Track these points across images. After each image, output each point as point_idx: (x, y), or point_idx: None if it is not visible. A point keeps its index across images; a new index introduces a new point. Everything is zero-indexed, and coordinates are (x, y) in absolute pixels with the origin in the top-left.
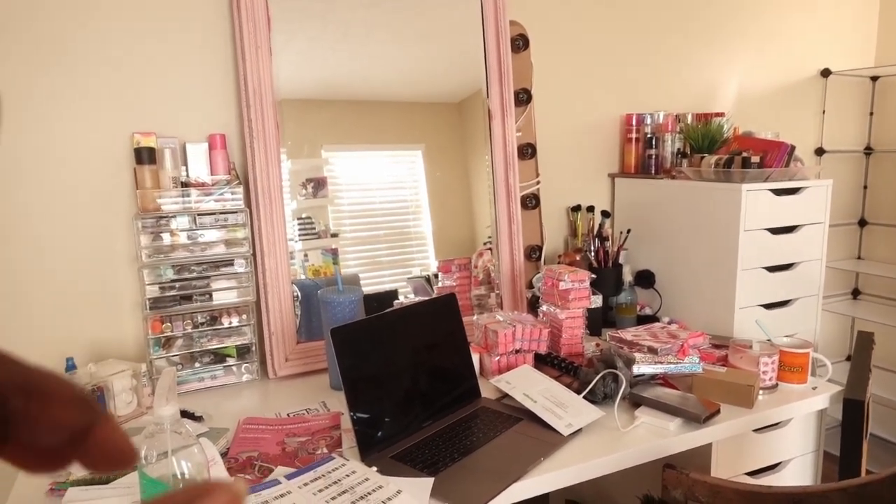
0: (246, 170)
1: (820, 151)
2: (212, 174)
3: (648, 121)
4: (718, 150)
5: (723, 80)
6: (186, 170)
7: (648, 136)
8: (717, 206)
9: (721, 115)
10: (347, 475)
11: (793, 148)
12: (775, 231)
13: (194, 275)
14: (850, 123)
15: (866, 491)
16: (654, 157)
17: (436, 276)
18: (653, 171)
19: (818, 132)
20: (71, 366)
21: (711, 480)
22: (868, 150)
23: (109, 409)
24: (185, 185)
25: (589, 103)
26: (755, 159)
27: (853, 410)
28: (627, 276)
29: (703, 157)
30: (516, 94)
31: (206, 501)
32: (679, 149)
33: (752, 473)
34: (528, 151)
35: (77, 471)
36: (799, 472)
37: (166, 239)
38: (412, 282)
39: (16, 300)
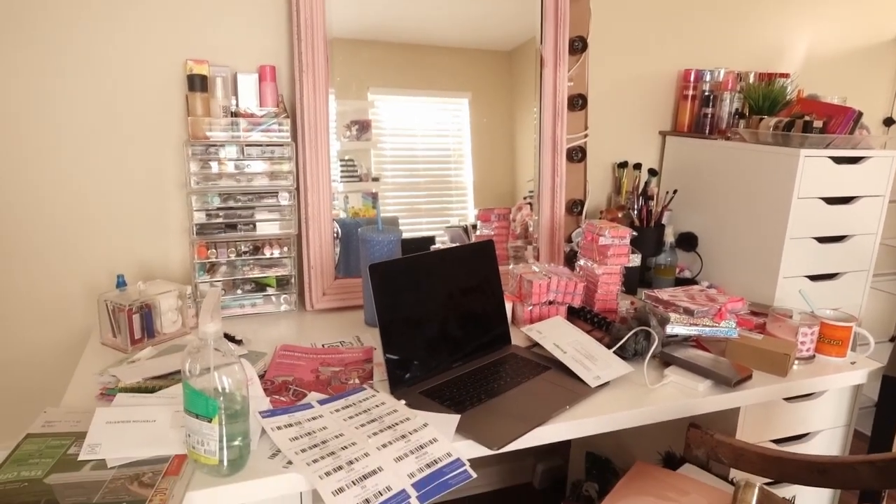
0: (294, 103)
1: (889, 122)
2: (261, 106)
3: (707, 77)
4: (779, 113)
5: (791, 40)
6: (236, 100)
7: (706, 93)
8: (771, 171)
9: (786, 76)
10: (377, 405)
11: (859, 114)
12: (830, 201)
13: (239, 204)
14: None
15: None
16: (709, 116)
17: (474, 226)
18: (707, 131)
19: (889, 101)
20: (121, 282)
21: (736, 443)
22: None
23: (156, 327)
24: (235, 114)
25: (646, 56)
26: (817, 124)
27: (891, 388)
28: (669, 238)
29: (761, 119)
30: (571, 41)
31: None
32: (737, 109)
33: (777, 441)
34: (578, 102)
35: (125, 378)
36: (826, 445)
37: (214, 167)
38: (450, 231)
39: (72, 218)
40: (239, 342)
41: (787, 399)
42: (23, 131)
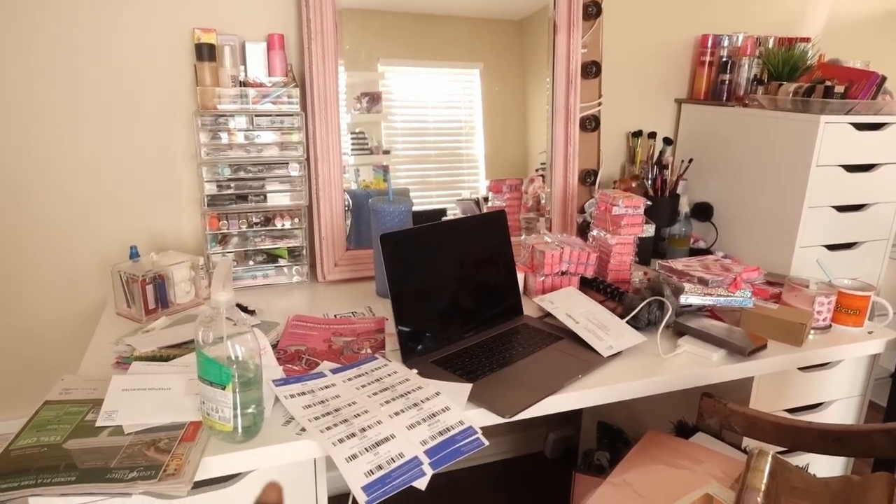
0: (303, 73)
1: None
2: (269, 75)
3: (725, 43)
4: (799, 78)
5: (812, 2)
6: (245, 69)
7: (723, 59)
8: (790, 139)
9: (806, 40)
10: (389, 374)
11: (883, 79)
12: (850, 168)
13: (250, 175)
14: None
15: None
16: (727, 82)
17: (485, 199)
18: (724, 98)
19: None
20: (134, 253)
21: (749, 412)
22: None
23: (170, 297)
24: (244, 84)
25: (662, 21)
26: (839, 89)
27: None
28: (684, 208)
29: (781, 85)
30: (585, 6)
31: None
32: (756, 75)
33: (791, 411)
34: (591, 70)
35: (140, 346)
36: (840, 415)
37: (224, 138)
38: (461, 203)
39: (84, 191)
40: (252, 312)
41: (801, 369)
42: (35, 106)
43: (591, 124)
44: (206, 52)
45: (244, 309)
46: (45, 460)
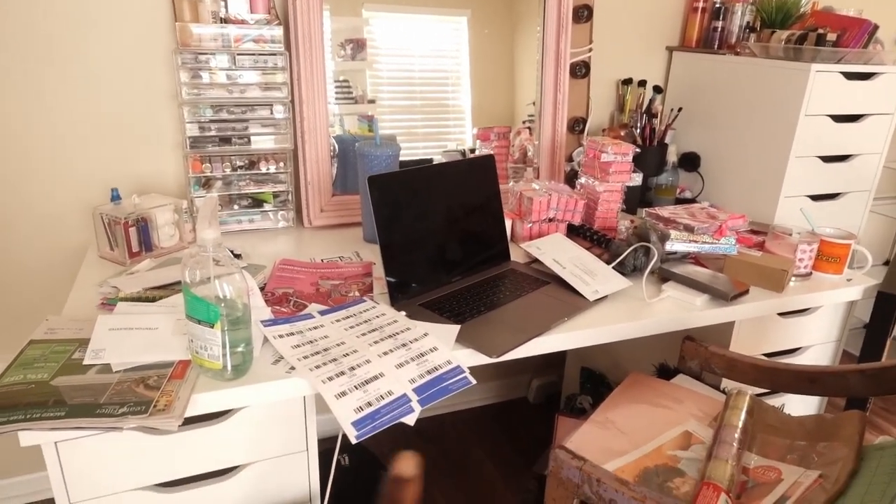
0: (286, 10)
1: None
2: (251, 12)
3: None
4: (792, 26)
5: None
6: (226, 5)
7: (716, 5)
8: (780, 87)
9: None
10: (377, 316)
11: (875, 27)
12: (838, 119)
13: (233, 117)
14: None
15: (885, 374)
16: (719, 30)
17: (472, 150)
18: (716, 46)
19: None
20: (115, 196)
21: (729, 354)
22: None
23: (153, 241)
24: (225, 21)
25: None
26: (831, 37)
27: (885, 304)
28: (672, 157)
29: (773, 33)
30: None
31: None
32: (748, 22)
33: (769, 355)
34: (583, 14)
35: (125, 287)
36: (816, 360)
37: (205, 77)
38: (447, 155)
39: (63, 132)
40: (238, 256)
41: (781, 314)
42: (9, 47)
43: (581, 71)
44: None
45: (231, 253)
46: (34, 396)
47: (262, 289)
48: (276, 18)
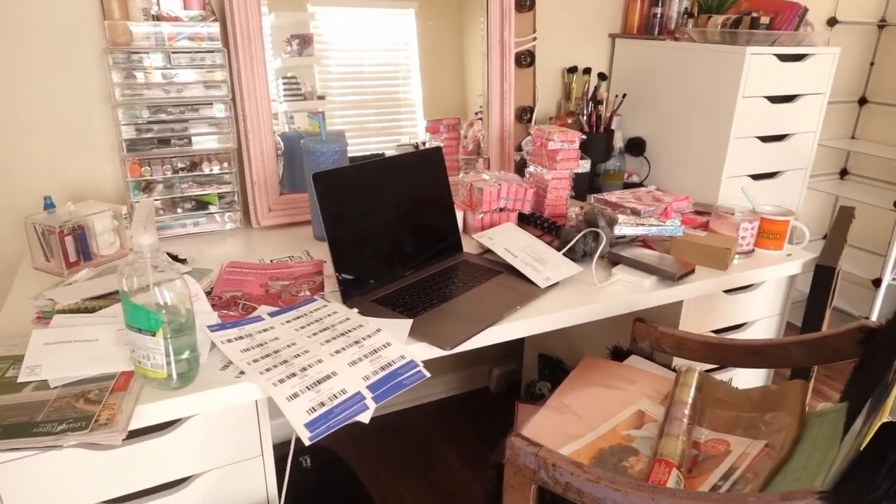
0: (222, 6)
1: (832, 21)
2: (185, 8)
3: None
4: (727, 11)
5: None
6: (157, 2)
7: None
8: (717, 71)
9: None
10: (329, 315)
11: (805, 10)
12: (774, 100)
13: (172, 117)
14: None
15: (824, 344)
16: (658, 16)
17: (423, 143)
18: (656, 32)
19: (834, 0)
20: (49, 204)
21: (678, 333)
22: (882, 23)
23: (92, 249)
24: (157, 18)
25: None
26: (764, 20)
27: (823, 276)
28: (618, 143)
29: (710, 18)
30: None
31: None
32: (686, 8)
33: (717, 331)
34: (526, 3)
35: (62, 299)
36: (761, 334)
37: (140, 77)
38: (400, 149)
39: None
40: (183, 261)
41: (727, 291)
42: None
43: (526, 60)
44: None
45: (175, 258)
46: None
47: (208, 293)
48: (212, 14)
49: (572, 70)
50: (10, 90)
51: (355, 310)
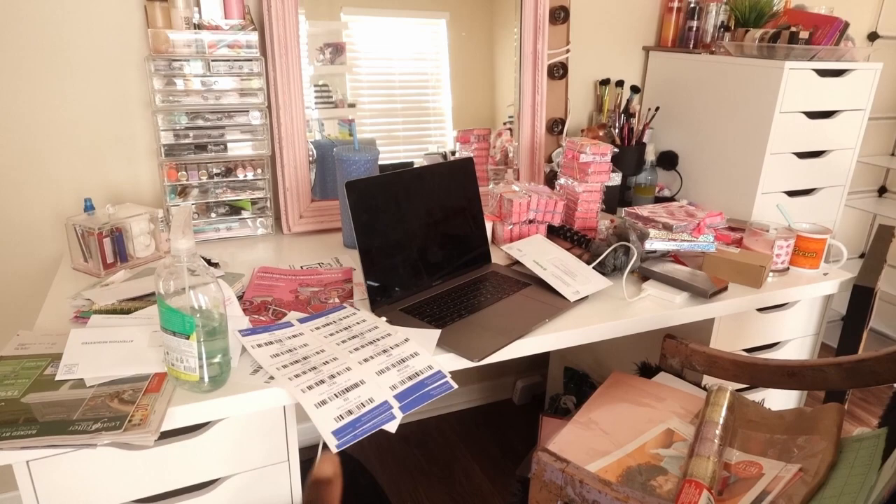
0: (261, 16)
1: (873, 36)
2: (226, 18)
3: None
4: (765, 25)
5: None
6: (199, 11)
7: (691, 5)
8: (754, 85)
9: None
10: (357, 323)
11: (846, 25)
12: (812, 115)
13: (209, 124)
14: None
15: (861, 367)
16: (694, 29)
17: (453, 152)
18: (691, 46)
19: (875, 15)
20: (89, 206)
21: (709, 351)
22: None
23: (128, 251)
24: (198, 27)
25: None
26: (803, 35)
27: (861, 297)
28: (650, 156)
29: (747, 32)
30: None
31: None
32: (723, 22)
33: (749, 350)
34: (560, 15)
35: (99, 300)
36: (795, 354)
37: (179, 84)
38: (428, 158)
39: (36, 143)
40: (215, 265)
41: (760, 310)
42: None
43: (559, 72)
44: None
45: (208, 262)
46: (4, 415)
47: (240, 298)
48: (251, 23)
49: (605, 82)
50: (56, 95)
51: (384, 318)
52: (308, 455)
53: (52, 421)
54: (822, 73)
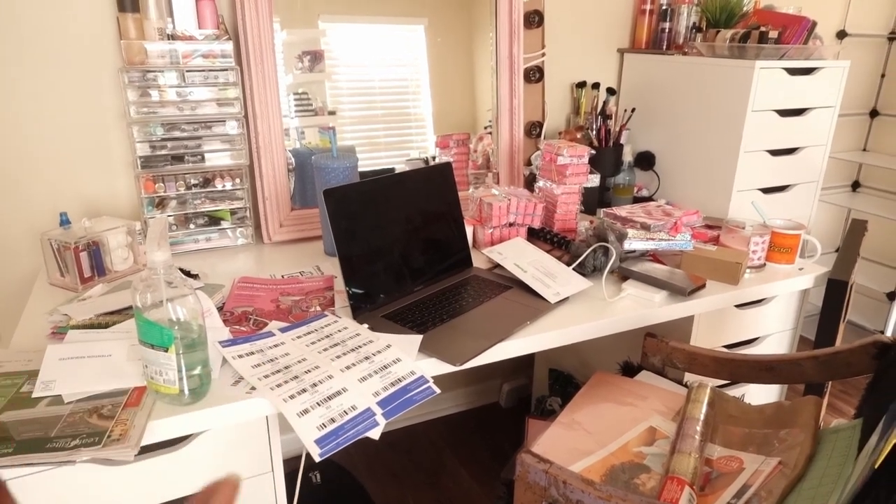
0: (235, 25)
1: (842, 34)
2: (199, 28)
3: None
4: (736, 25)
5: None
6: (173, 21)
7: (663, 7)
8: (726, 85)
9: None
10: (339, 330)
11: (814, 24)
12: (783, 113)
13: (185, 134)
14: (878, 5)
15: (836, 359)
16: (667, 31)
17: (433, 157)
18: (664, 47)
19: (843, 13)
20: (65, 220)
21: (690, 348)
22: (892, 35)
23: (106, 265)
24: (172, 37)
25: None
26: (773, 34)
27: (836, 290)
28: (627, 157)
29: (718, 32)
30: None
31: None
32: (695, 23)
33: (729, 346)
34: (534, 19)
35: (76, 315)
36: (774, 349)
37: (154, 95)
38: (410, 164)
39: (9, 157)
40: (195, 276)
41: (738, 306)
42: None
43: (535, 75)
44: (128, 3)
45: (187, 273)
46: None
47: (220, 308)
48: (226, 33)
49: (581, 85)
50: (30, 108)
51: (365, 325)
52: (293, 466)
53: (30, 439)
54: (792, 71)
